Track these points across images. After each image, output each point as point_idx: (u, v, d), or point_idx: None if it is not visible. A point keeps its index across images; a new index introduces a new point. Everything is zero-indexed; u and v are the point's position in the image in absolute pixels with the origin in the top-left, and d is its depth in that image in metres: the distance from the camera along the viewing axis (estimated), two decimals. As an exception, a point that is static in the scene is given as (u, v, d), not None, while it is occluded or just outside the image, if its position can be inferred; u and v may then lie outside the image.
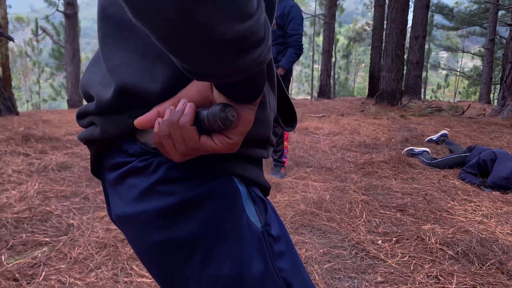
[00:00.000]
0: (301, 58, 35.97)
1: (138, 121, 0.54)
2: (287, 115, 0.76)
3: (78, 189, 2.98)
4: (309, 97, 23.67)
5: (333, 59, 27.24)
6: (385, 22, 10.32)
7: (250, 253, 0.57)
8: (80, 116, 0.66)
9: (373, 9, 14.30)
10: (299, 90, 41.58)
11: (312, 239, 2.46)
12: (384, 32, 10.41)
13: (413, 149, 4.39)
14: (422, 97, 17.70)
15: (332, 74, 30.85)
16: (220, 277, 0.57)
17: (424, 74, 23.35)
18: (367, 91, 13.66)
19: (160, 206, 0.56)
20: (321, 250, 2.31)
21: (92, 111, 0.60)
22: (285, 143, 3.63)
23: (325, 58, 15.78)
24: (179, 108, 0.51)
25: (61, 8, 13.07)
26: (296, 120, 0.78)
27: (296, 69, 37.24)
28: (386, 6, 9.78)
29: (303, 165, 3.93)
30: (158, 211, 0.56)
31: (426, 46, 18.38)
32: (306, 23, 25.89)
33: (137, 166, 0.58)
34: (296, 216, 2.73)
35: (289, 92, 37.31)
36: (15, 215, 2.48)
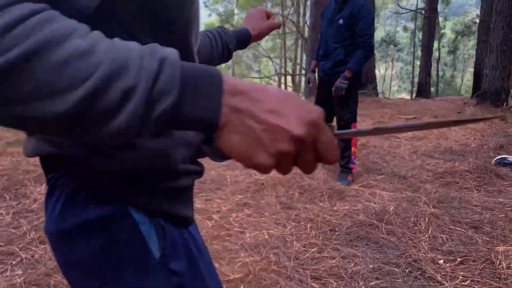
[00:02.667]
0: (402, 55, 34.19)
1: None
2: None
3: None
4: (408, 96, 22.42)
5: (437, 55, 25.41)
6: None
7: (140, 280, 0.57)
8: None
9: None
10: (400, 88, 39.55)
11: (365, 253, 2.33)
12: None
13: (506, 157, 3.93)
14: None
15: (436, 71, 28.76)
16: None
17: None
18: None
19: (61, 228, 0.57)
20: (371, 266, 2.18)
21: None
22: (353, 148, 3.49)
23: (424, 55, 14.79)
24: None
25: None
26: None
27: (397, 66, 35.47)
28: (494, -4, 8.85)
29: (375, 172, 3.74)
30: (59, 232, 0.57)
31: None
32: (403, 18, 24.53)
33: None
34: (353, 227, 2.62)
35: (389, 90, 35.58)
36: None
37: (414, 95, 16.59)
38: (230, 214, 2.77)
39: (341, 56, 3.37)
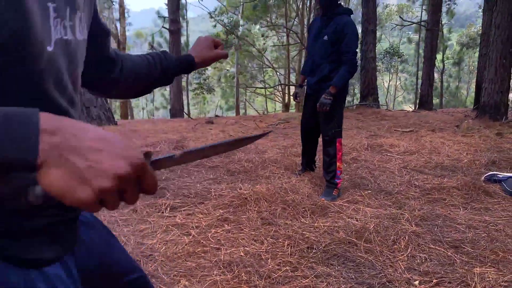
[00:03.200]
0: (407, 66, 34.13)
1: None
2: None
3: (131, 201, 3.19)
4: (413, 107, 22.34)
5: (441, 67, 25.35)
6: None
7: None
8: None
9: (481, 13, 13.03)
10: (404, 99, 39.46)
11: (340, 272, 2.30)
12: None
13: (496, 174, 3.89)
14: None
15: (440, 82, 28.63)
16: None
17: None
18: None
19: None
20: (343, 286, 2.15)
21: None
22: (338, 163, 3.47)
23: (426, 67, 14.77)
24: None
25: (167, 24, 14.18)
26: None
27: (401, 77, 35.41)
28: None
29: (362, 187, 3.71)
30: None
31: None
32: (411, 29, 24.50)
33: None
34: (331, 245, 2.59)
35: (393, 101, 35.44)
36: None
37: (417, 106, 16.54)
38: (209, 229, 2.75)
39: (326, 72, 3.37)
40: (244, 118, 9.80)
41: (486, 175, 3.92)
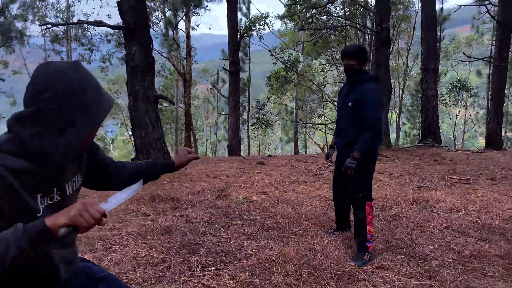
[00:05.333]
0: (478, 99, 32.41)
1: None
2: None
3: (166, 257, 3.40)
4: (483, 143, 21.07)
5: (515, 101, 23.85)
6: None
7: None
8: None
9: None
10: (475, 133, 37.28)
11: None
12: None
13: (547, 241, 3.64)
14: None
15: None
16: None
17: None
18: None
19: None
20: None
21: None
22: (368, 227, 3.46)
23: (494, 104, 14.00)
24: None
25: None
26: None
27: (471, 110, 33.59)
28: None
29: (396, 250, 3.64)
30: None
31: None
32: (479, 64, 23.35)
33: None
34: (350, 319, 2.59)
35: (462, 137, 33.47)
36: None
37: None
38: (233, 293, 2.86)
39: (352, 136, 3.44)
40: (295, 159, 9.88)
41: (535, 242, 3.68)
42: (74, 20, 22.31)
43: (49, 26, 17.71)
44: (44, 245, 1.13)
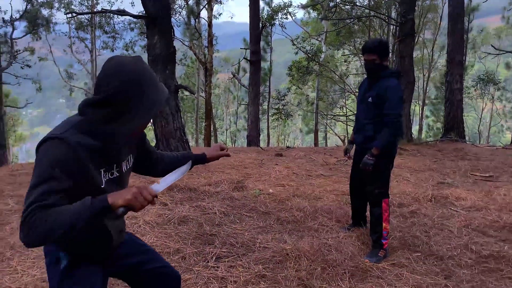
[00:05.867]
0: (508, 94, 31.50)
1: None
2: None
3: (182, 247, 3.45)
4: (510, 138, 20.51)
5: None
6: None
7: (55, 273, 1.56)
8: None
9: None
10: (502, 127, 36.30)
11: None
12: None
13: None
14: None
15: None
16: None
17: None
18: None
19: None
20: None
21: None
22: (384, 224, 3.42)
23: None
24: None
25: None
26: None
27: (498, 103, 32.67)
28: None
29: (412, 248, 3.60)
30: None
31: None
32: (509, 57, 22.63)
33: None
34: (361, 316, 2.59)
35: (488, 131, 32.69)
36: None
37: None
38: (246, 286, 2.89)
39: (371, 132, 3.40)
40: (314, 151, 9.84)
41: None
42: (98, 8, 22.58)
43: (74, 14, 17.97)
44: (105, 218, 1.39)
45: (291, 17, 22.47)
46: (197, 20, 21.63)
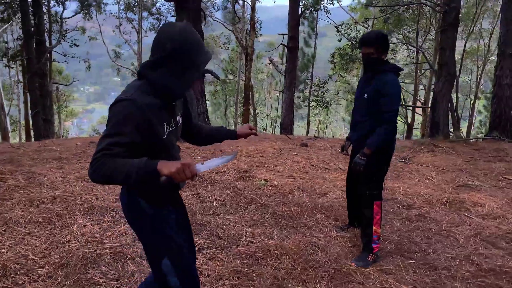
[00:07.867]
0: None
1: None
2: None
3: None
4: None
5: None
6: None
7: (146, 223, 1.81)
8: None
9: None
10: None
11: None
12: None
13: None
14: None
15: None
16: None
17: None
18: None
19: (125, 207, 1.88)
20: None
21: None
22: (374, 227, 3.23)
23: None
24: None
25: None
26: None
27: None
28: None
29: (406, 255, 3.39)
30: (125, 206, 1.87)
31: None
32: None
33: None
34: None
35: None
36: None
37: None
38: (218, 281, 2.83)
39: (365, 130, 3.19)
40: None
41: None
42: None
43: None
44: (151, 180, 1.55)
45: (338, 2, 21.77)
46: (240, 3, 21.47)
